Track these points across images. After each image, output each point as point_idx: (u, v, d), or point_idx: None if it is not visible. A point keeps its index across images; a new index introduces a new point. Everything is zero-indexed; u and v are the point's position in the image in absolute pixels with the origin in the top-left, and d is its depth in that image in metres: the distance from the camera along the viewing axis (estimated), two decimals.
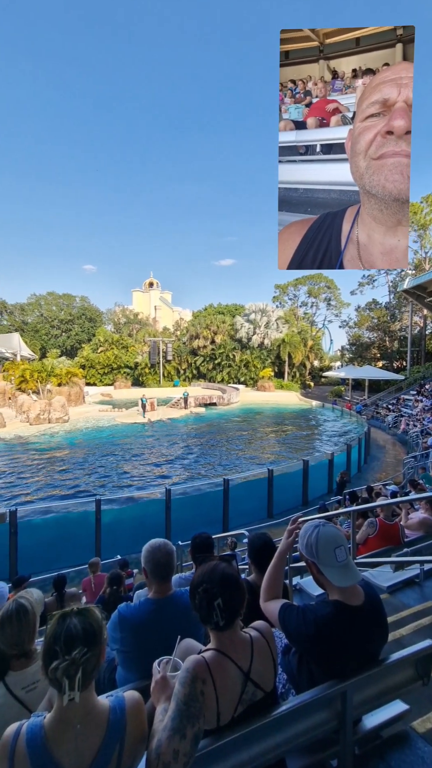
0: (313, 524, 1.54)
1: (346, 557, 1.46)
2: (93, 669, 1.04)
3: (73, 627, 1.04)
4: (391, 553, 4.39)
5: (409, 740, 1.62)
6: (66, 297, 60.57)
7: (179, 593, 1.93)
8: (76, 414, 27.62)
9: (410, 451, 17.56)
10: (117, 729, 1.07)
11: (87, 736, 1.03)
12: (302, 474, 12.00)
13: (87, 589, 5.55)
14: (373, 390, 37.10)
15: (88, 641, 1.03)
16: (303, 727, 1.34)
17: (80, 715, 1.03)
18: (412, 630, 2.75)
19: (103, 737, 1.04)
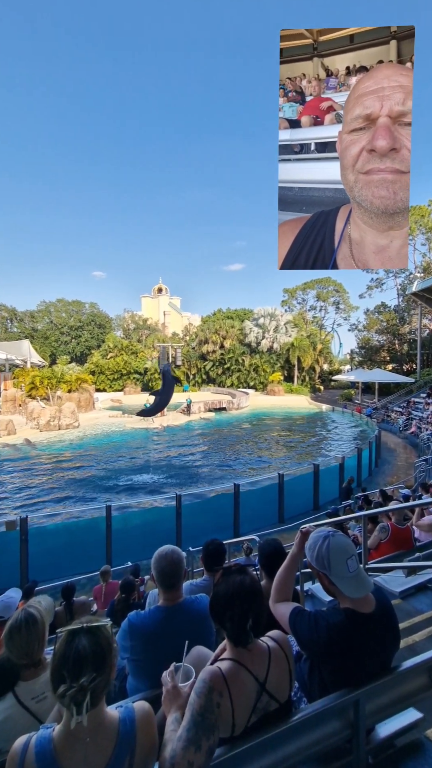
0: (322, 534, 1.50)
1: (358, 567, 1.44)
2: (102, 689, 1.02)
3: (82, 649, 1.01)
4: (403, 558, 4.33)
5: (423, 749, 1.59)
6: (75, 304, 61.40)
7: (189, 600, 1.91)
8: (86, 420, 27.84)
9: (421, 454, 17.30)
10: (127, 741, 1.06)
11: (97, 749, 1.02)
12: (313, 478, 11.90)
13: (98, 597, 5.57)
14: (383, 393, 36.69)
15: (98, 665, 1.00)
16: (316, 736, 1.32)
17: (90, 728, 1.01)
18: (425, 636, 2.71)
19: (113, 749, 1.03)
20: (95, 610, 5.43)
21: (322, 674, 1.47)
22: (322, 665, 1.46)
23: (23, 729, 1.15)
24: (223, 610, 1.26)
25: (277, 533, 9.69)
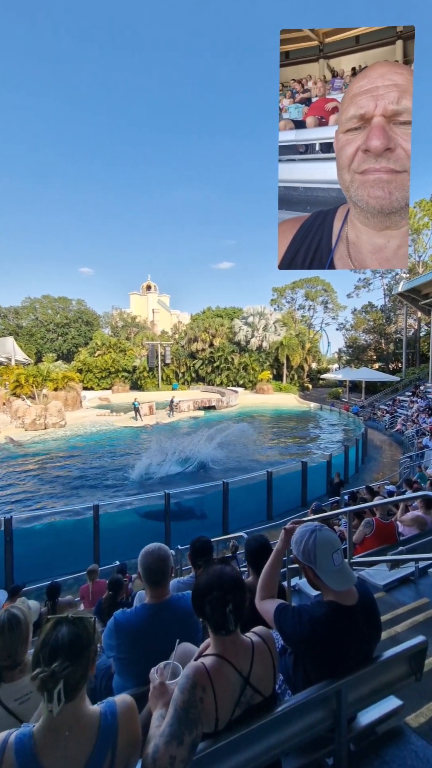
0: (308, 529, 1.52)
1: (342, 561, 1.47)
2: (78, 682, 1.02)
3: (60, 637, 1.02)
4: (387, 552, 4.42)
5: (403, 735, 1.64)
6: (62, 300, 60.49)
7: (176, 598, 1.92)
8: (74, 419, 27.50)
9: (406, 451, 17.63)
10: (108, 735, 1.06)
11: (77, 744, 1.02)
12: (301, 475, 12.03)
13: (85, 597, 5.53)
14: (370, 391, 37.22)
15: (73, 654, 1.01)
16: (299, 727, 1.35)
17: (69, 723, 1.02)
18: (406, 627, 2.78)
19: (93, 744, 1.03)
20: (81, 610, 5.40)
21: (306, 667, 1.49)
22: (306, 658, 1.48)
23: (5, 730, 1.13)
24: (202, 598, 1.28)
25: (265, 530, 9.77)
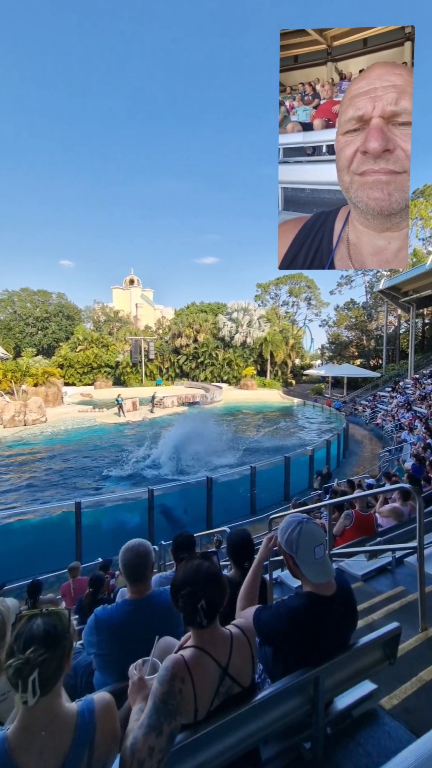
0: (296, 520, 1.53)
1: (324, 555, 1.49)
2: (53, 674, 1.00)
3: (36, 627, 1.01)
4: (366, 543, 4.54)
5: (377, 717, 1.70)
6: (41, 293, 58.97)
7: (158, 593, 1.92)
8: (55, 415, 27.01)
9: (385, 445, 18.08)
10: (86, 733, 1.05)
11: (54, 743, 1.01)
12: (284, 470, 12.19)
13: (66, 595, 5.47)
14: (352, 387, 37.91)
15: (48, 643, 0.99)
16: (277, 714, 1.38)
17: (45, 722, 1.00)
18: (383, 614, 2.87)
19: (70, 743, 1.02)
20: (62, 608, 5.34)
21: (285, 656, 1.53)
22: (285, 649, 1.51)
23: None
24: (176, 593, 1.29)
25: (248, 524, 9.88)
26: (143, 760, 1.02)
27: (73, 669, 2.14)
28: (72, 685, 2.09)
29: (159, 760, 1.04)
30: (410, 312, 31.01)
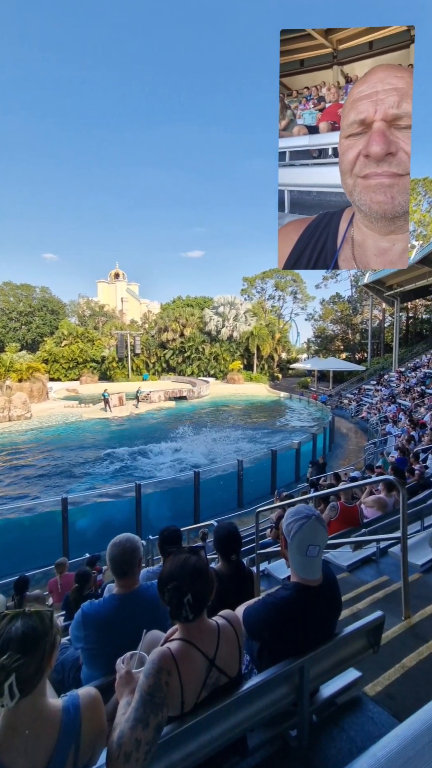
0: (305, 513, 1.51)
1: (316, 555, 1.48)
2: (32, 676, 0.98)
3: (14, 630, 0.98)
4: (351, 534, 4.63)
5: (361, 704, 1.74)
6: (25, 287, 57.69)
7: (145, 587, 1.93)
8: (40, 411, 26.61)
9: (370, 437, 18.41)
10: (71, 729, 1.05)
11: (38, 741, 1.00)
12: (271, 463, 12.30)
13: (53, 591, 5.44)
14: (337, 381, 38.42)
15: (25, 647, 0.98)
16: (263, 703, 1.39)
17: (29, 720, 0.99)
18: (367, 604, 2.94)
19: (56, 739, 1.02)
20: (50, 604, 5.31)
21: (272, 647, 1.55)
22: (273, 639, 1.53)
23: None
24: (162, 587, 1.28)
25: (235, 517, 9.96)
26: (130, 753, 1.02)
27: (60, 664, 2.13)
28: (59, 680, 2.09)
29: (146, 752, 1.04)
30: (394, 306, 31.51)
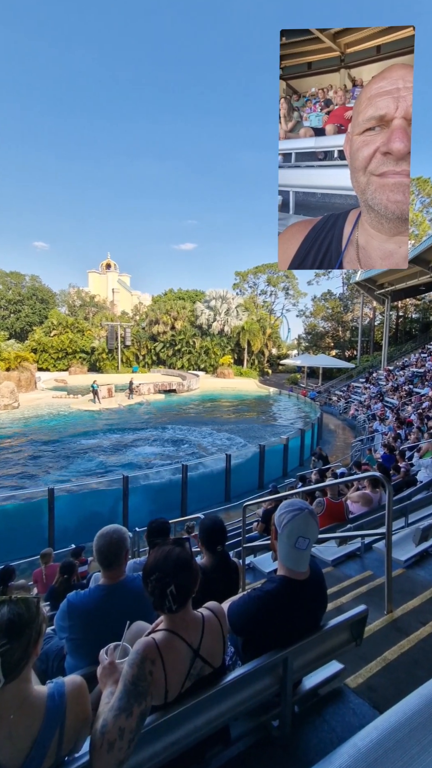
0: (298, 506, 1.52)
1: (305, 548, 1.50)
2: (17, 662, 1.00)
3: (0, 616, 1.00)
4: (337, 530, 4.70)
5: (342, 695, 1.78)
6: (14, 275, 56.51)
7: (131, 578, 1.93)
8: (27, 401, 26.28)
9: (358, 435, 18.65)
10: (55, 715, 1.06)
11: (22, 726, 1.01)
12: (258, 458, 12.38)
13: (38, 581, 5.41)
14: (327, 377, 38.75)
15: (11, 633, 0.99)
16: (246, 694, 1.41)
17: (13, 706, 1.01)
18: (351, 598, 2.99)
19: (40, 725, 1.03)
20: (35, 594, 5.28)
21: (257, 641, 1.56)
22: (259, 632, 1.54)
23: None
24: (146, 578, 1.29)
25: (222, 511, 10.03)
26: (114, 741, 1.03)
27: (44, 654, 2.13)
28: (43, 670, 2.09)
29: (129, 740, 1.05)
30: (385, 304, 31.81)
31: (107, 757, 1.02)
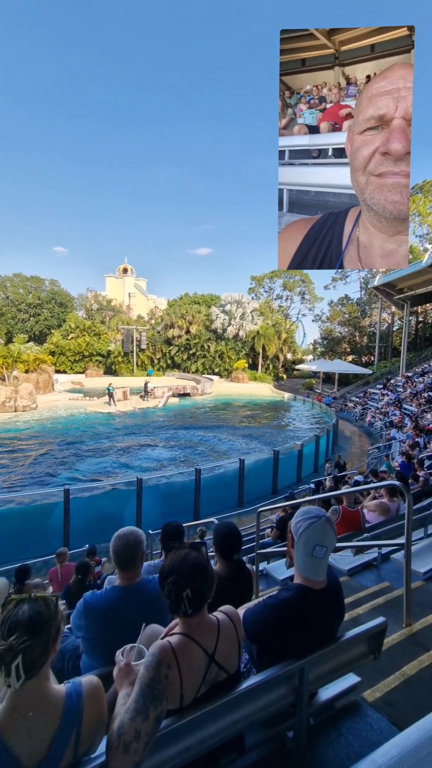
0: (315, 514, 1.51)
1: (323, 556, 1.48)
2: (37, 658, 1.01)
3: (21, 614, 1.02)
4: (353, 539, 4.61)
5: (359, 709, 1.73)
6: (34, 279, 57.94)
7: (146, 581, 1.94)
8: (45, 402, 26.83)
9: (374, 442, 18.29)
10: (73, 715, 1.07)
11: (41, 724, 1.02)
12: (273, 464, 12.28)
13: (53, 580, 5.49)
14: (343, 383, 38.23)
15: (32, 630, 1.01)
16: (262, 703, 1.39)
17: (33, 703, 1.02)
18: (368, 609, 2.92)
19: (58, 724, 1.04)
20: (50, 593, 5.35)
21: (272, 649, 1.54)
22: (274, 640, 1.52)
23: None
24: (162, 581, 1.29)
25: (235, 516, 9.97)
26: (129, 743, 1.03)
27: (60, 652, 2.15)
28: (59, 668, 2.11)
29: (145, 743, 1.06)
30: (404, 309, 31.22)
31: (123, 758, 1.03)
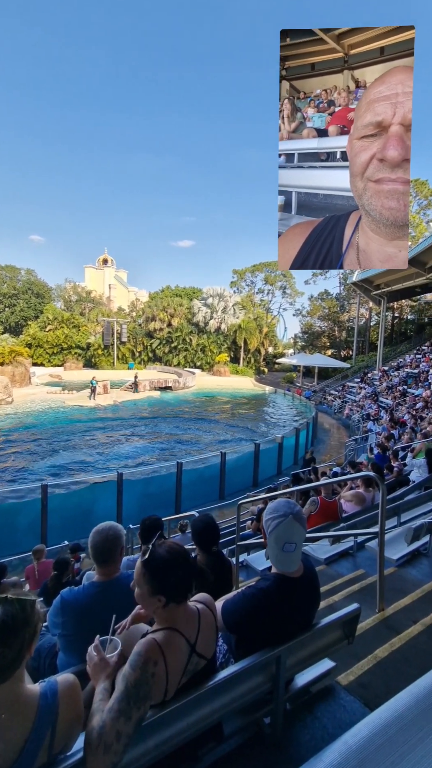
0: (284, 512, 1.50)
1: (293, 551, 1.49)
2: (9, 664, 0.99)
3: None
4: (330, 528, 4.73)
5: (334, 693, 1.79)
6: (9, 269, 56.01)
7: (125, 575, 1.92)
8: (22, 396, 26.12)
9: (352, 434, 18.76)
10: (47, 715, 1.05)
11: (14, 725, 1.00)
12: (253, 456, 12.41)
13: (30, 577, 5.39)
14: (322, 377, 38.88)
15: (3, 636, 0.98)
16: (240, 691, 1.42)
17: (5, 705, 1.00)
18: (343, 596, 3.01)
19: (32, 724, 1.02)
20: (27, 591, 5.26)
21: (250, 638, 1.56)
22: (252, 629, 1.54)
23: None
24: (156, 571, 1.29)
25: (216, 509, 10.05)
26: (110, 744, 1.03)
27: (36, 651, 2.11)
28: (35, 667, 2.08)
29: (125, 744, 1.06)
30: (381, 305, 31.93)
31: (103, 759, 1.02)
